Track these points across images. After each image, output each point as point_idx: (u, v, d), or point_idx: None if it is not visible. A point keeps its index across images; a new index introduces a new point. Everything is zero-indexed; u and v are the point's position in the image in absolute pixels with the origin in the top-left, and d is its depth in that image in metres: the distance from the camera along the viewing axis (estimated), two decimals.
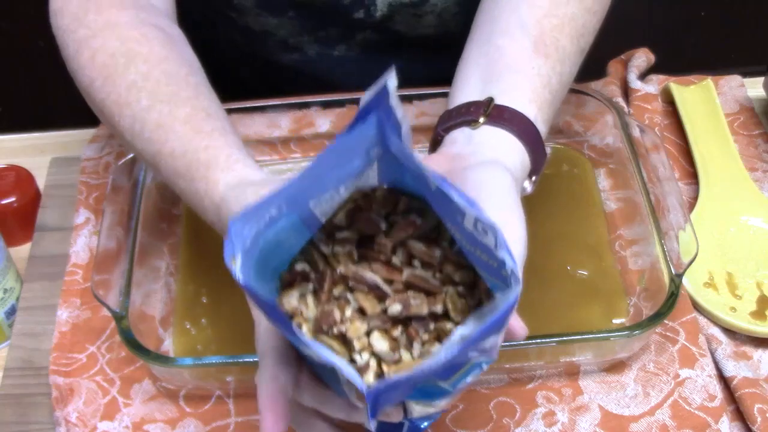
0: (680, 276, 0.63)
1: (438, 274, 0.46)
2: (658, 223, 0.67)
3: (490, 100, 0.57)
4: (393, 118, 0.40)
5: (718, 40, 1.73)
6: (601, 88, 0.85)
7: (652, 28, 1.68)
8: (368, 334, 0.44)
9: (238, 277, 0.39)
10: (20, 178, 0.80)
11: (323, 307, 0.44)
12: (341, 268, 0.45)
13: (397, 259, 0.46)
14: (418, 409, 0.47)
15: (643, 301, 0.69)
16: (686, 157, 0.82)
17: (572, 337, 0.64)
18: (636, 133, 0.73)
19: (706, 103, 0.84)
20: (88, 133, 0.85)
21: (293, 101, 0.79)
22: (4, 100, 1.65)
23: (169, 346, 0.68)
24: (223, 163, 0.56)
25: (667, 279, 0.64)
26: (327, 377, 0.46)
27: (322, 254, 0.46)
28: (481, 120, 0.57)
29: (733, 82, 0.88)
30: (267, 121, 0.80)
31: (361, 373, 0.43)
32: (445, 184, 0.41)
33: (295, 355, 0.47)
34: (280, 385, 0.46)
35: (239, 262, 0.39)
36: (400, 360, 0.44)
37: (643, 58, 0.87)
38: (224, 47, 0.87)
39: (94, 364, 0.68)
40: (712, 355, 0.68)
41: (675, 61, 0.91)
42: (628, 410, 0.64)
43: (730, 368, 0.66)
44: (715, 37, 1.73)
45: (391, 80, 0.39)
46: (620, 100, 0.84)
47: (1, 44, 1.57)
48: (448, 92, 0.79)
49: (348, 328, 0.44)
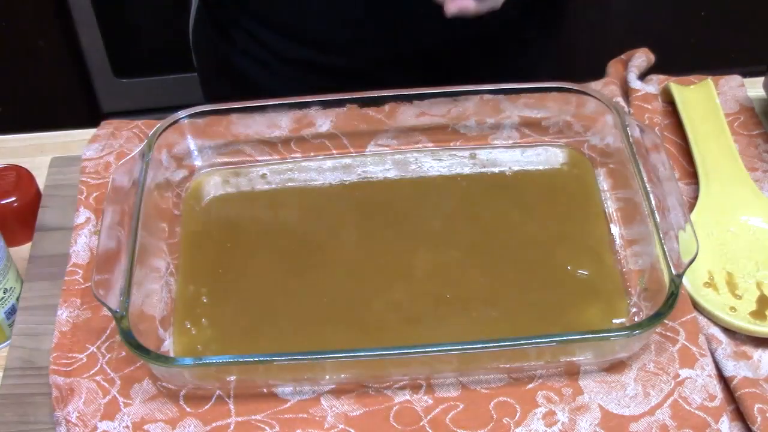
0: (680, 276, 0.64)
1: None
2: (658, 223, 0.67)
3: None
4: None
5: (718, 40, 1.73)
6: (601, 88, 0.85)
7: (652, 28, 1.68)
8: None
9: None
10: (20, 178, 0.80)
11: None
12: None
13: None
14: None
15: (643, 301, 0.69)
16: (686, 157, 0.82)
17: (572, 337, 0.64)
18: (636, 133, 0.73)
19: (706, 103, 0.84)
20: (88, 133, 0.85)
21: (293, 101, 0.79)
22: (4, 100, 1.65)
23: (169, 346, 0.68)
24: None
25: (667, 279, 0.64)
26: None
27: None
28: None
29: (733, 82, 0.88)
30: (267, 121, 0.80)
31: None
32: None
33: None
34: None
35: None
36: None
37: (643, 58, 0.87)
38: None
39: (94, 364, 0.68)
40: (712, 355, 0.68)
41: (675, 61, 0.91)
42: (628, 410, 0.64)
43: (730, 368, 0.66)
44: (715, 37, 1.73)
45: None
46: (620, 100, 0.84)
47: (1, 44, 1.57)
48: (448, 92, 0.79)
49: None
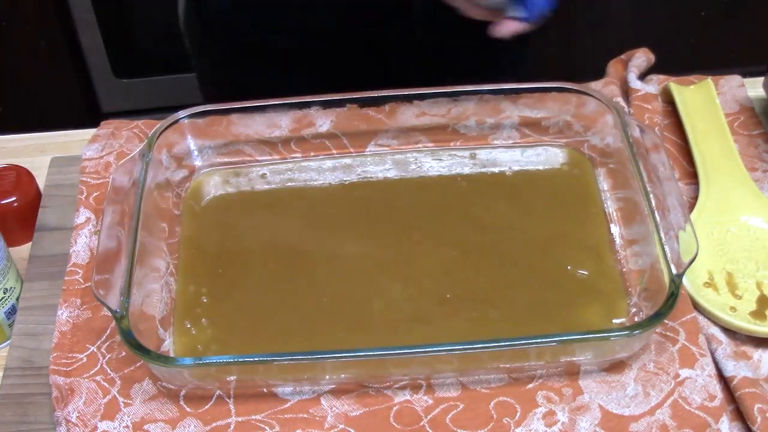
0: (680, 276, 0.64)
1: None
2: (658, 223, 0.67)
3: None
4: None
5: (718, 40, 1.73)
6: (601, 88, 0.85)
7: (652, 28, 1.68)
8: None
9: None
10: (20, 178, 0.80)
11: None
12: None
13: None
14: None
15: (643, 301, 0.69)
16: (686, 157, 0.82)
17: (572, 337, 0.64)
18: (636, 133, 0.73)
19: (706, 103, 0.84)
20: (88, 133, 0.85)
21: (293, 101, 0.79)
22: (4, 100, 1.65)
23: (169, 346, 0.68)
24: None
25: (667, 279, 0.64)
26: None
27: None
28: None
29: (733, 82, 0.88)
30: (267, 121, 0.80)
31: None
32: None
33: None
34: None
35: None
36: None
37: (643, 58, 0.87)
38: None
39: (94, 364, 0.68)
40: (712, 355, 0.68)
41: (675, 61, 0.91)
42: (628, 410, 0.64)
43: (730, 368, 0.66)
44: (715, 37, 1.73)
45: None
46: (620, 100, 0.84)
47: (1, 44, 1.57)
48: (448, 92, 0.79)
49: None
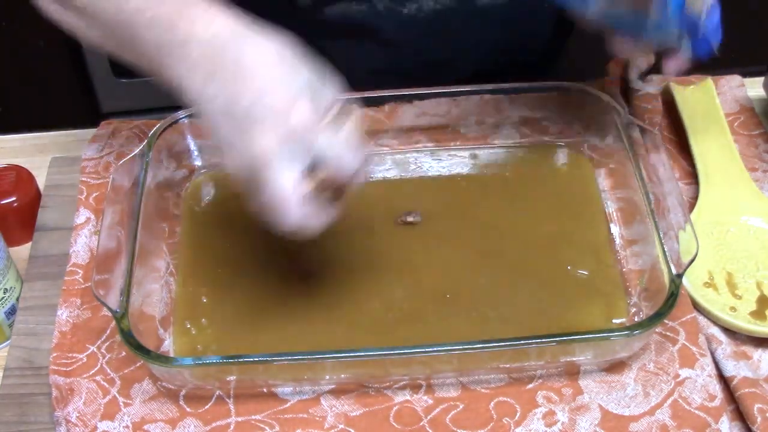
0: (680, 276, 0.64)
1: None
2: (658, 223, 0.67)
3: None
4: None
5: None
6: (601, 88, 0.85)
7: None
8: None
9: None
10: (20, 178, 0.80)
11: None
12: None
13: None
14: None
15: (643, 301, 0.69)
16: (686, 157, 0.82)
17: (572, 337, 0.64)
18: (636, 133, 0.73)
19: (706, 103, 0.84)
20: (88, 133, 0.85)
21: None
22: (4, 100, 1.64)
23: (169, 346, 0.68)
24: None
25: (667, 279, 0.64)
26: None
27: None
28: None
29: (733, 82, 0.88)
30: None
31: None
32: None
33: None
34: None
35: None
36: None
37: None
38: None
39: (94, 364, 0.68)
40: (712, 355, 0.68)
41: None
42: (628, 410, 0.64)
43: (730, 368, 0.66)
44: None
45: None
46: (620, 100, 0.84)
47: (1, 44, 1.57)
48: (448, 92, 0.79)
49: None
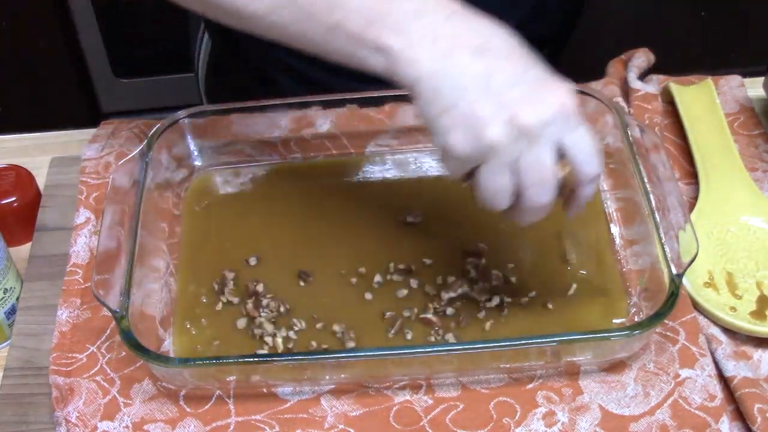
0: (680, 276, 0.63)
1: None
2: (658, 223, 0.67)
3: None
4: None
5: (718, 40, 1.73)
6: (601, 88, 0.85)
7: (652, 28, 1.68)
8: None
9: None
10: (20, 178, 0.80)
11: None
12: None
13: None
14: None
15: (643, 301, 0.69)
16: (686, 157, 0.82)
17: (572, 337, 0.64)
18: (636, 133, 0.73)
19: (706, 103, 0.84)
20: (88, 133, 0.85)
21: (293, 101, 0.79)
22: (4, 100, 1.65)
23: (169, 346, 0.68)
24: None
25: (667, 279, 0.64)
26: None
27: None
28: None
29: (733, 82, 0.88)
30: (267, 121, 0.80)
31: None
32: None
33: None
34: None
35: None
36: None
37: (643, 58, 0.87)
38: None
39: (94, 364, 0.68)
40: (712, 355, 0.68)
41: (675, 61, 0.91)
42: (628, 410, 0.64)
43: (730, 368, 0.66)
44: (715, 37, 1.73)
45: None
46: (620, 100, 0.84)
47: (1, 44, 1.57)
48: None
49: None
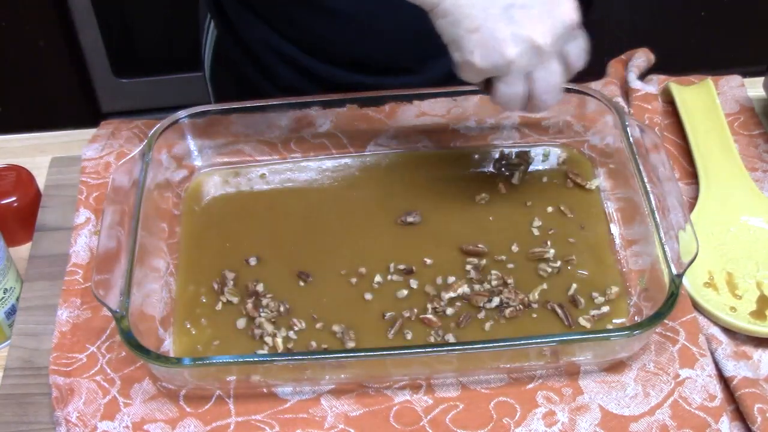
0: (680, 276, 0.63)
1: None
2: (658, 223, 0.67)
3: None
4: None
5: (718, 40, 1.73)
6: (601, 88, 0.85)
7: (652, 28, 1.68)
8: None
9: None
10: (20, 178, 0.80)
11: None
12: None
13: None
14: None
15: (643, 301, 0.69)
16: (686, 157, 0.82)
17: (572, 337, 0.64)
18: (636, 133, 0.73)
19: (706, 103, 0.84)
20: (88, 133, 0.85)
21: (293, 101, 0.79)
22: (4, 100, 1.65)
23: (169, 346, 0.68)
24: None
25: (667, 279, 0.64)
26: None
27: None
28: None
29: (733, 82, 0.88)
30: (267, 121, 0.80)
31: None
32: None
33: None
34: None
35: None
36: None
37: (643, 58, 0.87)
38: None
39: (94, 364, 0.68)
40: (712, 355, 0.68)
41: (675, 61, 0.91)
42: (628, 410, 0.64)
43: (730, 368, 0.66)
44: (715, 37, 1.73)
45: None
46: (620, 100, 0.84)
47: (1, 44, 1.57)
48: (448, 92, 0.79)
49: None
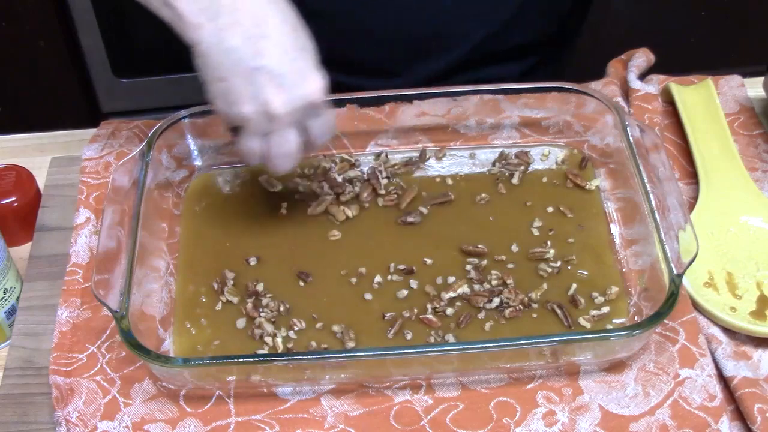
0: (680, 276, 0.64)
1: None
2: (658, 223, 0.67)
3: None
4: None
5: (718, 40, 1.73)
6: (601, 88, 0.85)
7: (652, 28, 1.68)
8: None
9: None
10: (20, 178, 0.80)
11: None
12: None
13: None
14: None
15: (643, 301, 0.69)
16: (686, 157, 0.82)
17: (572, 337, 0.64)
18: (636, 133, 0.73)
19: (706, 103, 0.84)
20: (88, 133, 0.85)
21: None
22: (4, 100, 1.65)
23: (169, 346, 0.68)
24: None
25: (667, 279, 0.64)
26: None
27: None
28: None
29: (733, 82, 0.88)
30: None
31: None
32: None
33: None
34: None
35: None
36: None
37: (643, 58, 0.87)
38: None
39: (94, 364, 0.68)
40: (712, 354, 0.68)
41: (675, 61, 0.91)
42: (628, 410, 0.64)
43: (730, 368, 0.66)
44: (715, 37, 1.73)
45: None
46: (620, 100, 0.84)
47: (1, 44, 1.57)
48: (448, 92, 0.79)
49: None
